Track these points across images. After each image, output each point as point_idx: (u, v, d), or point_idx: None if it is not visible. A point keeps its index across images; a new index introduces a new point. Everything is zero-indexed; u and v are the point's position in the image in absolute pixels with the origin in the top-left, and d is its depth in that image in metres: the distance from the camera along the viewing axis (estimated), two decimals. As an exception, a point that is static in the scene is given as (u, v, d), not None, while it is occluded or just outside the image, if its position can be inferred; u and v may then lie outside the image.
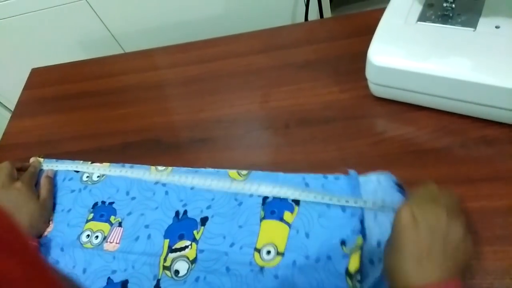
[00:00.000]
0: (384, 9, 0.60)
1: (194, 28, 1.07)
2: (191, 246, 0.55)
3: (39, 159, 0.70)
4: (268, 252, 0.52)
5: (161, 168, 0.64)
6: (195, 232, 0.56)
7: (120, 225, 0.60)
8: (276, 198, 0.55)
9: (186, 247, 0.55)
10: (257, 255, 0.52)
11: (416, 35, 0.57)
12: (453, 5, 0.56)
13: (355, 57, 0.63)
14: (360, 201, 0.51)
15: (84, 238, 0.60)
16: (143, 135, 0.70)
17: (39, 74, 0.89)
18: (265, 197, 0.56)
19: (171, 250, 0.55)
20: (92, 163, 0.67)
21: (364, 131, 0.60)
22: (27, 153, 0.71)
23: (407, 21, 0.58)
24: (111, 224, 0.60)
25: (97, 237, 0.60)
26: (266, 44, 0.76)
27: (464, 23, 0.55)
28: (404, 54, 0.55)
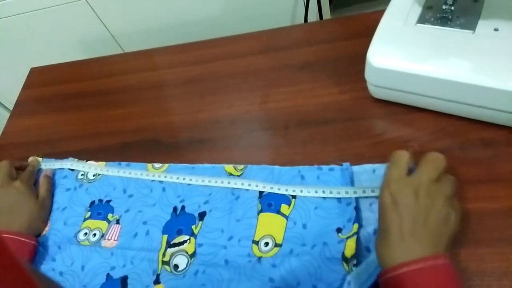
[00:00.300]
0: (383, 11, 0.61)
1: (193, 28, 1.07)
2: (189, 240, 0.55)
3: (38, 159, 0.70)
4: (266, 243, 0.52)
5: (157, 165, 0.64)
6: (193, 227, 0.56)
7: (118, 222, 0.60)
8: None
9: (184, 242, 0.55)
10: (255, 247, 0.52)
11: (415, 37, 0.57)
12: (453, 8, 0.57)
13: (355, 58, 0.63)
14: (355, 190, 0.52)
15: (81, 236, 0.60)
16: (142, 135, 0.70)
17: (38, 73, 0.89)
18: (262, 190, 0.56)
19: (169, 245, 0.56)
20: (87, 161, 0.67)
21: (363, 133, 0.60)
22: (26, 152, 0.71)
23: (407, 23, 0.58)
24: (108, 221, 0.60)
25: (94, 234, 0.60)
26: (265, 45, 0.76)
27: (463, 26, 0.55)
28: (403, 56, 0.55)
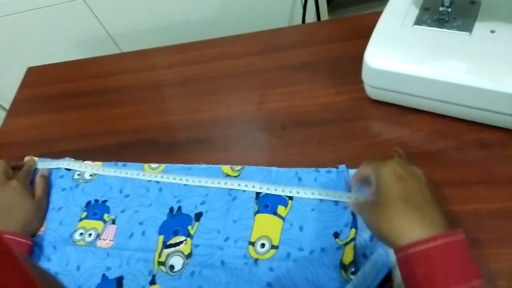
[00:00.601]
0: (381, 12, 0.61)
1: (191, 29, 1.07)
2: (185, 241, 0.55)
3: (34, 158, 0.69)
4: (262, 245, 0.52)
5: (154, 165, 0.64)
6: (189, 227, 0.56)
7: (113, 222, 0.60)
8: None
9: (180, 243, 0.55)
10: (251, 248, 0.52)
11: (412, 38, 0.57)
12: (449, 9, 0.57)
13: (352, 59, 0.64)
14: (351, 196, 0.52)
15: (77, 236, 0.60)
16: (139, 135, 0.70)
17: (35, 72, 0.89)
18: (259, 191, 0.56)
19: (165, 245, 0.56)
20: (84, 161, 0.67)
21: (360, 133, 0.60)
22: (22, 151, 0.71)
23: (404, 25, 0.58)
24: (104, 222, 0.60)
25: (90, 235, 0.59)
26: (263, 45, 0.76)
27: (460, 27, 0.56)
28: (400, 57, 0.56)
